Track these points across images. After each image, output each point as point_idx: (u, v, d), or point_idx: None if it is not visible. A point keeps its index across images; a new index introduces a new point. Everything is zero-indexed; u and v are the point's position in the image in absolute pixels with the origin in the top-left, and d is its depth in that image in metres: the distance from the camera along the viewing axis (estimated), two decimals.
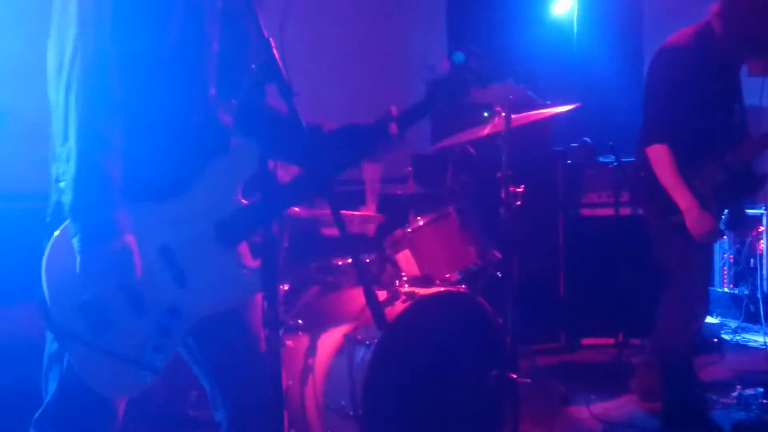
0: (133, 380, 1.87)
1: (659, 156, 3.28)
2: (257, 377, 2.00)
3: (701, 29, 3.29)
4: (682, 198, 3.23)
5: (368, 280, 1.86)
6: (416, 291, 2.99)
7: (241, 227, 1.94)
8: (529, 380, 3.20)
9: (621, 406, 3.76)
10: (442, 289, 3.11)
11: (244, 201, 1.96)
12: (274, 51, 1.72)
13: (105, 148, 1.77)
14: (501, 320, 3.09)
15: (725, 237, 5.22)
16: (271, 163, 1.78)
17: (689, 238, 3.27)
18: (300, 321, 3.12)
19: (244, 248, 2.03)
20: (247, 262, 1.99)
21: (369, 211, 3.61)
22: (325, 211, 3.32)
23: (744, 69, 5.01)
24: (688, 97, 3.24)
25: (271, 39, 1.73)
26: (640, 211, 3.66)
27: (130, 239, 1.78)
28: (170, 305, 1.89)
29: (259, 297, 2.05)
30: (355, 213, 3.58)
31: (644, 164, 3.38)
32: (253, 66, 1.72)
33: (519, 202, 3.20)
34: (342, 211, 1.79)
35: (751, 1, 3.19)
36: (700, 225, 3.22)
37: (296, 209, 3.15)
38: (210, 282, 1.92)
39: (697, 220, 3.22)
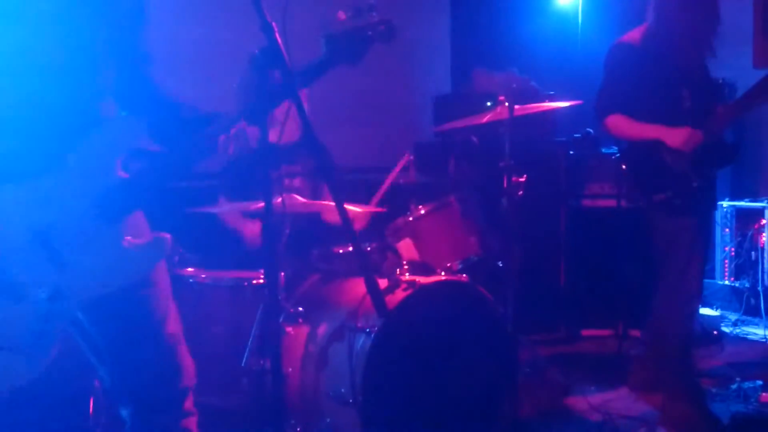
0: (17, 370, 1.79)
1: (617, 122, 3.36)
2: (159, 360, 1.93)
3: (646, 27, 3.42)
4: (651, 130, 3.29)
5: (369, 268, 1.85)
6: (417, 279, 2.99)
7: (122, 202, 1.85)
8: (528, 370, 3.20)
9: (620, 398, 3.76)
10: (443, 277, 3.11)
11: (123, 174, 1.86)
12: (277, 36, 1.71)
13: None
14: (501, 310, 3.09)
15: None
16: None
17: (675, 218, 3.31)
18: (300, 308, 3.12)
19: (135, 224, 1.93)
20: (136, 238, 1.88)
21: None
22: (328, 201, 3.32)
23: (750, 61, 5.04)
24: (634, 88, 3.34)
25: (274, 24, 1.71)
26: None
27: None
28: (51, 289, 1.80)
29: (162, 274, 1.99)
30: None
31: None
32: (256, 51, 1.71)
33: (521, 192, 3.20)
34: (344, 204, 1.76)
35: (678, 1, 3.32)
36: (678, 138, 3.25)
37: (298, 198, 3.13)
38: (93, 262, 1.82)
39: (673, 135, 3.25)
